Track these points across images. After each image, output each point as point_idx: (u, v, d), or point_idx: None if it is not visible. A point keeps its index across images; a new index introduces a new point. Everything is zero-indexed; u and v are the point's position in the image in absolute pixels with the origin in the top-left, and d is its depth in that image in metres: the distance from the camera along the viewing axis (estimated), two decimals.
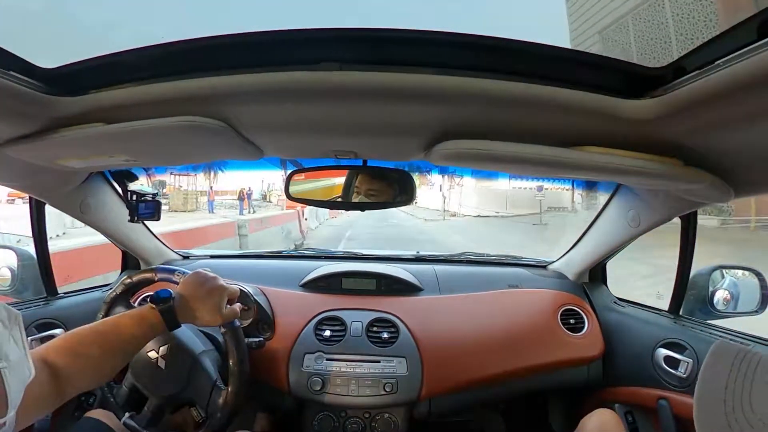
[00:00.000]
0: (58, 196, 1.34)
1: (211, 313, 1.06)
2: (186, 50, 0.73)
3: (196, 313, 1.04)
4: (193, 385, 1.23)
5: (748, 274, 1.51)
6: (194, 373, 1.22)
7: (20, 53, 0.71)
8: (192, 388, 1.23)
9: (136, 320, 0.97)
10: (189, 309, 1.03)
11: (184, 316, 1.03)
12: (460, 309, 1.59)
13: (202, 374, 1.22)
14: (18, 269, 1.59)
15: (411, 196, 1.17)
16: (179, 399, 1.26)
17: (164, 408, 1.26)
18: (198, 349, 1.25)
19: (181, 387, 1.22)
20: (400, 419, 1.42)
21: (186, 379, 1.22)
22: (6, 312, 0.69)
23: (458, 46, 0.71)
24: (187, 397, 1.24)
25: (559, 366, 1.51)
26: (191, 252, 1.99)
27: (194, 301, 1.04)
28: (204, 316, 1.05)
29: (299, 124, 0.89)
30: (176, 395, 1.24)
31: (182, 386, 1.22)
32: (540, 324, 1.56)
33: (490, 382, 1.46)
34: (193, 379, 1.22)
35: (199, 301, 1.05)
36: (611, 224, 1.54)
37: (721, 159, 0.84)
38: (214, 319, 1.07)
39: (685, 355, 1.28)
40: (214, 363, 1.26)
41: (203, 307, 1.05)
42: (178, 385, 1.23)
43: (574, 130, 0.82)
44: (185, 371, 1.22)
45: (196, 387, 1.23)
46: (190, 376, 1.22)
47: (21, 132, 0.87)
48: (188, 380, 1.22)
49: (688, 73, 0.64)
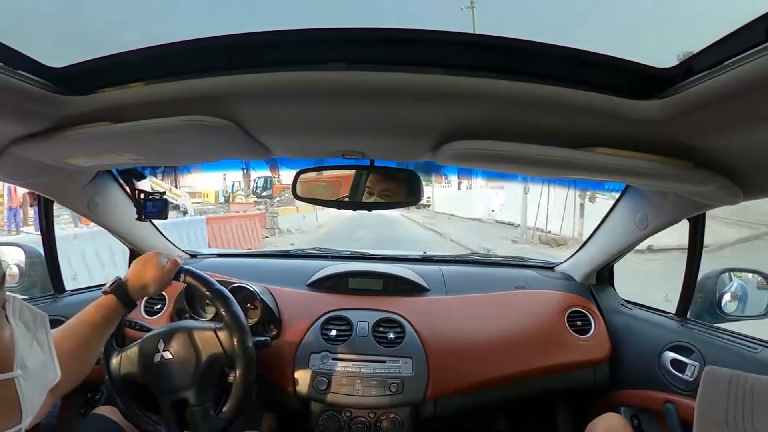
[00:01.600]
0: (67, 194, 1.35)
1: (155, 273, 1.13)
2: (194, 50, 0.73)
3: (144, 282, 1.11)
4: (201, 378, 1.24)
5: (757, 277, 1.49)
6: (201, 367, 1.23)
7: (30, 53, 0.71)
8: (201, 380, 1.24)
9: (94, 308, 1.03)
10: (137, 283, 1.10)
11: (136, 290, 1.10)
12: (466, 310, 1.59)
13: (209, 366, 1.24)
14: (26, 266, 1.60)
15: (418, 196, 1.17)
16: (204, 375, 1.26)
17: (182, 405, 1.26)
18: (187, 323, 1.28)
19: (190, 381, 1.23)
20: (405, 419, 1.42)
21: (193, 373, 1.23)
22: (31, 314, 0.69)
23: (466, 46, 0.70)
24: (198, 390, 1.25)
25: (565, 368, 1.50)
26: (198, 251, 2.00)
27: (138, 273, 1.12)
28: (150, 281, 1.12)
29: (306, 123, 0.89)
30: (187, 390, 1.24)
31: (191, 381, 1.23)
32: (547, 325, 1.55)
33: (496, 383, 1.46)
34: (200, 372, 1.23)
35: (140, 272, 1.12)
36: (619, 226, 1.53)
37: (730, 160, 0.83)
38: (161, 278, 1.14)
39: (692, 358, 1.27)
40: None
41: (147, 273, 1.12)
42: (187, 380, 1.23)
43: (582, 130, 0.81)
44: (192, 365, 1.23)
45: (205, 379, 1.24)
46: (196, 369, 1.23)
47: (30, 130, 0.87)
48: (195, 374, 1.23)
49: (698, 73, 0.63)
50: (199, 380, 1.23)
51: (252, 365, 1.21)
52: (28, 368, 0.66)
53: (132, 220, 1.36)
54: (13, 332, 0.65)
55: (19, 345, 0.66)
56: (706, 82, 0.61)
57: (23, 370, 0.65)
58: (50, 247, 1.51)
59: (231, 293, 1.26)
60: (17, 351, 0.65)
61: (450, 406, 1.45)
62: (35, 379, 0.67)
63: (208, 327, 1.25)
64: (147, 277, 1.12)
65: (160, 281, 1.14)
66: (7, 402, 0.62)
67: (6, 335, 0.64)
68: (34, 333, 0.69)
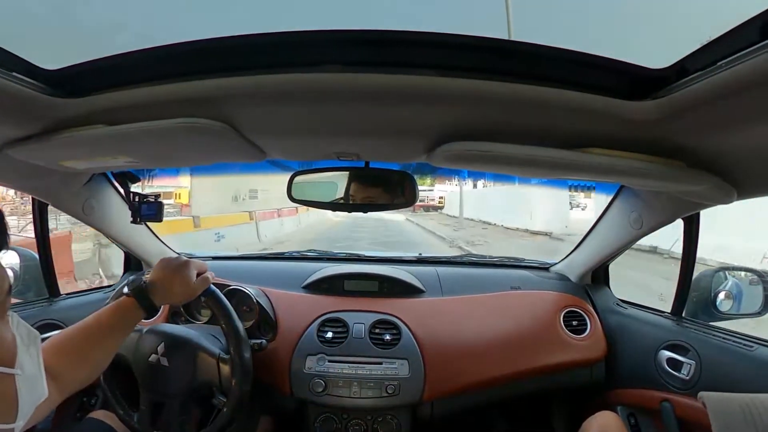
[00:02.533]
0: (61, 197, 1.35)
1: (184, 287, 1.08)
2: (188, 52, 0.73)
3: (170, 291, 1.06)
4: (190, 395, 1.24)
5: (751, 275, 1.50)
6: (194, 386, 1.23)
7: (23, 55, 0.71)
8: (188, 397, 1.24)
9: (113, 309, 0.98)
10: (162, 289, 1.04)
11: (160, 297, 1.03)
12: (462, 311, 1.59)
13: (200, 388, 1.24)
14: (20, 270, 1.59)
15: (413, 198, 1.17)
16: (193, 392, 1.26)
17: (186, 406, 1.26)
18: (195, 338, 1.27)
19: (177, 393, 1.23)
20: (402, 421, 1.42)
21: (183, 388, 1.23)
22: (26, 330, 0.70)
23: (461, 47, 0.70)
24: (182, 404, 1.24)
25: (561, 368, 1.50)
26: (193, 253, 2.00)
27: (165, 281, 1.06)
28: (177, 292, 1.07)
29: (302, 125, 0.89)
30: (172, 399, 1.24)
31: (178, 393, 1.23)
32: (542, 326, 1.56)
33: (492, 384, 1.46)
34: (191, 389, 1.23)
35: (168, 280, 1.06)
36: (614, 226, 1.53)
37: (724, 160, 0.84)
38: (188, 292, 1.09)
39: (687, 357, 1.28)
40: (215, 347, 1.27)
41: (175, 284, 1.07)
42: (175, 391, 1.23)
43: (576, 131, 0.82)
44: (185, 381, 1.23)
45: (192, 398, 1.25)
46: (188, 387, 1.23)
47: (24, 133, 0.87)
48: (185, 389, 1.23)
49: (691, 73, 0.63)
50: (187, 396, 1.24)
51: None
52: (24, 372, 0.67)
53: (127, 223, 1.35)
54: (14, 335, 0.67)
55: (20, 348, 0.67)
56: (700, 83, 0.62)
57: (22, 371, 0.66)
58: (45, 250, 1.50)
59: (226, 296, 1.26)
60: (18, 352, 0.66)
61: (447, 407, 1.45)
62: (29, 386, 0.68)
63: (214, 354, 1.24)
64: (173, 286, 1.06)
65: (186, 295, 1.10)
66: (6, 398, 0.64)
67: (9, 336, 0.66)
68: (28, 347, 0.70)
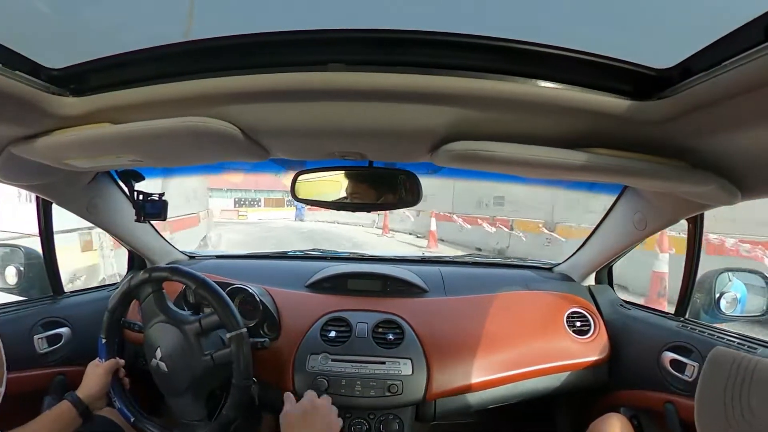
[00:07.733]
0: (66, 195, 1.35)
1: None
2: (192, 51, 0.73)
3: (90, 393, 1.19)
4: (192, 393, 1.25)
5: (756, 277, 1.49)
6: (197, 360, 1.23)
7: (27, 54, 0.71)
8: (190, 395, 1.25)
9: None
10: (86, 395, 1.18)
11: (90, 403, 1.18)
12: (465, 311, 1.59)
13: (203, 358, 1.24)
14: (24, 267, 1.60)
15: (417, 197, 1.17)
16: (174, 401, 1.27)
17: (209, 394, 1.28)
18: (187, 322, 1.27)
19: (176, 394, 1.25)
20: (405, 421, 1.41)
21: (191, 368, 1.23)
22: None
23: (465, 47, 0.70)
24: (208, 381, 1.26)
25: (565, 369, 1.50)
26: (197, 252, 2.00)
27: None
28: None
29: (306, 125, 0.89)
30: (172, 398, 1.26)
31: (177, 394, 1.25)
32: (546, 326, 1.55)
33: (495, 384, 1.45)
34: (190, 390, 1.24)
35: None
36: (617, 227, 1.53)
37: (729, 161, 0.83)
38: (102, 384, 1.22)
39: (691, 358, 1.27)
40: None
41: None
42: (175, 392, 1.25)
43: (581, 131, 0.81)
44: (184, 383, 1.24)
45: (194, 396, 1.25)
46: (187, 389, 1.24)
47: (28, 132, 0.87)
48: (184, 390, 1.24)
49: (696, 73, 0.63)
50: (189, 393, 1.25)
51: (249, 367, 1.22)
52: None
53: (131, 222, 1.36)
54: None
55: None
56: (705, 83, 0.61)
57: None
58: (49, 248, 1.51)
59: (229, 295, 1.26)
60: None
61: (450, 407, 1.44)
62: None
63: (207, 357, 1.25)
64: None
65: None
66: None
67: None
68: None
